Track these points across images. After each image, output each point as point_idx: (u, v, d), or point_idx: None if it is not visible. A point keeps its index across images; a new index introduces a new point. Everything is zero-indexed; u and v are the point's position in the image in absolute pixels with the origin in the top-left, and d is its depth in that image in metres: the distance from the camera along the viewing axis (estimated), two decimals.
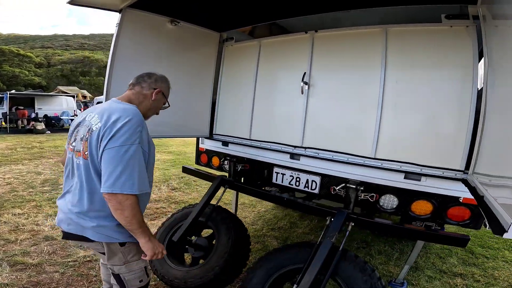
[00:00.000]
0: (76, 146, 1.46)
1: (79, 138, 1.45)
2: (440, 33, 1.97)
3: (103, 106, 1.50)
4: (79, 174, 1.44)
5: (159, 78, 1.69)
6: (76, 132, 1.49)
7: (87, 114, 1.52)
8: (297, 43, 2.65)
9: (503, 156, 1.28)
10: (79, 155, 1.43)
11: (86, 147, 1.39)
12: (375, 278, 1.75)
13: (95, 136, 1.36)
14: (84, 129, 1.44)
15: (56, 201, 1.62)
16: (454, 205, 1.83)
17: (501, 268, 3.10)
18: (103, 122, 1.37)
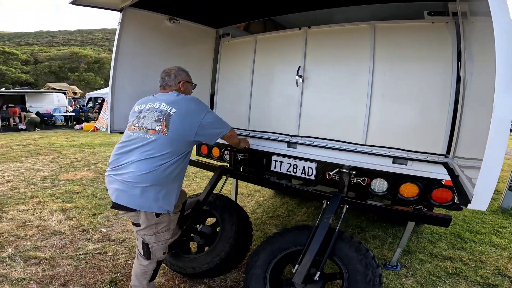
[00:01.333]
0: (147, 126, 1.89)
1: (153, 120, 1.90)
2: (423, 29, 2.13)
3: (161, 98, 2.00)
4: (147, 148, 1.84)
5: (177, 73, 2.10)
6: (142, 117, 1.94)
7: (145, 103, 2.02)
8: (291, 39, 2.79)
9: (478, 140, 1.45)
10: (154, 133, 1.86)
11: (165, 126, 1.86)
12: (369, 257, 1.91)
13: (176, 117, 1.89)
14: (155, 114, 1.92)
15: (107, 174, 1.95)
16: (437, 187, 2.01)
17: (488, 252, 3.27)
18: (178, 107, 1.92)
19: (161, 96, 2.02)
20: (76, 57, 46.91)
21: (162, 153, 1.84)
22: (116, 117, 2.66)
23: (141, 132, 1.89)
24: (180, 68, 2.13)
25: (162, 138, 1.85)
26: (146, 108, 1.97)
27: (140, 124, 1.92)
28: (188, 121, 1.91)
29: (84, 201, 4.27)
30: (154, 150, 1.84)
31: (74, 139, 10.53)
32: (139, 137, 1.88)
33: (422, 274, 2.77)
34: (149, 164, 1.82)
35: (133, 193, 1.82)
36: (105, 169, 6.21)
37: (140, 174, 1.81)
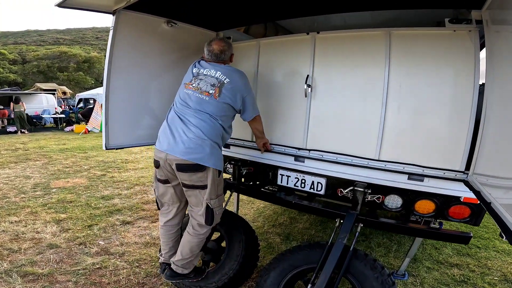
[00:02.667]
0: (202, 87, 2.13)
1: (209, 84, 2.14)
2: (444, 37, 2.03)
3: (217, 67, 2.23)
4: (203, 107, 2.08)
5: (228, 49, 2.33)
6: (199, 79, 2.18)
7: (203, 68, 2.25)
8: (298, 44, 2.66)
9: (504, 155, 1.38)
10: (207, 95, 2.10)
11: (218, 91, 2.11)
12: (385, 275, 1.85)
13: (228, 86, 2.15)
14: (212, 80, 2.16)
15: (161, 132, 2.19)
16: (455, 204, 1.95)
17: (493, 258, 3.26)
18: (231, 79, 2.18)
19: (217, 66, 2.24)
20: (65, 56, 45.97)
21: (214, 114, 2.08)
22: (112, 132, 2.50)
23: (196, 92, 2.12)
24: (227, 43, 2.35)
25: (214, 101, 2.09)
26: (203, 73, 2.21)
27: (196, 85, 2.15)
28: (235, 92, 2.17)
29: (78, 211, 4.11)
30: (208, 109, 2.07)
31: (64, 142, 10.26)
32: (195, 95, 2.11)
33: (430, 283, 2.73)
34: (210, 122, 2.05)
35: (203, 150, 1.99)
36: (98, 175, 6.03)
37: (206, 131, 2.02)
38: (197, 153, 1.97)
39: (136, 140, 2.70)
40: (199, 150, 1.97)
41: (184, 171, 1.99)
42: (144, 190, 5.18)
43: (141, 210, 4.26)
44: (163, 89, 2.84)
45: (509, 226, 1.04)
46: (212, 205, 2.09)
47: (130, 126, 2.60)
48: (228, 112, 2.18)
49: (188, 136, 2.00)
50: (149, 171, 6.53)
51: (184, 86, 2.22)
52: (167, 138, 2.08)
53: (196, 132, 2.00)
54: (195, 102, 2.09)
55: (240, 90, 2.20)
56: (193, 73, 2.27)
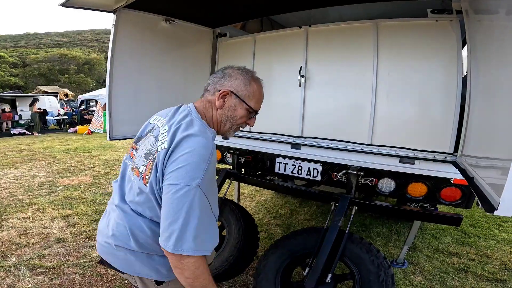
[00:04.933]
0: (137, 159, 1.21)
1: (144, 151, 1.19)
2: (427, 27, 2.12)
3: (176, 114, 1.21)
4: (133, 193, 1.18)
5: (231, 73, 1.21)
6: (145, 138, 1.24)
7: (162, 117, 1.26)
8: (292, 38, 2.76)
9: (488, 138, 1.45)
10: (136, 174, 1.17)
11: (149, 170, 1.11)
12: (380, 258, 1.92)
13: (160, 162, 1.07)
14: (152, 142, 1.17)
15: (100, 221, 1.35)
16: (446, 186, 2.02)
17: (493, 247, 3.30)
18: (170, 141, 1.09)
19: (181, 109, 1.24)
20: (65, 59, 46.20)
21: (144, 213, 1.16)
22: (115, 123, 2.60)
23: (131, 164, 1.25)
24: (244, 70, 1.24)
25: (142, 192, 1.14)
26: (155, 126, 1.23)
27: (136, 152, 1.26)
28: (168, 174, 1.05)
29: (84, 207, 4.21)
30: (137, 203, 1.17)
31: (68, 143, 10.38)
32: (125, 170, 1.29)
33: (430, 271, 2.78)
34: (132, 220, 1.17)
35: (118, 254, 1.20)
36: (102, 173, 6.14)
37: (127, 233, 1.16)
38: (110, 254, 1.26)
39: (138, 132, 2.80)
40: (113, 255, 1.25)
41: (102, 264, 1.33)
42: None
43: None
44: (163, 85, 2.93)
45: (485, 195, 1.12)
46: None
47: (132, 119, 2.69)
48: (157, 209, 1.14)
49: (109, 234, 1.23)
50: None
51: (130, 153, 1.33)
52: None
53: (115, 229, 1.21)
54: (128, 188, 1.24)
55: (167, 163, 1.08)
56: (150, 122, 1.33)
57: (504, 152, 1.07)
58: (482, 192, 1.20)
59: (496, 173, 1.18)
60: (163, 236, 1.02)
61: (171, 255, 1.02)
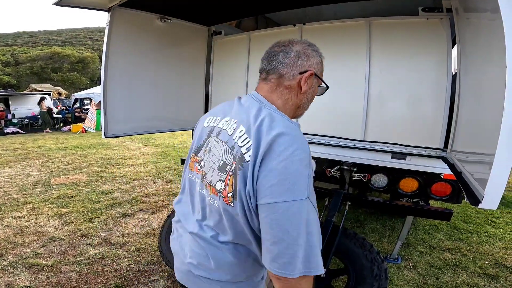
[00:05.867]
0: (208, 175, 1.00)
1: (215, 163, 0.98)
2: (418, 25, 2.16)
3: (242, 109, 1.01)
4: (211, 216, 1.01)
5: (303, 52, 1.02)
6: (208, 148, 1.03)
7: (221, 115, 1.07)
8: (286, 36, 2.72)
9: (476, 134, 1.50)
10: (214, 193, 0.97)
11: (231, 185, 0.91)
12: (374, 253, 1.96)
13: (249, 173, 0.86)
14: (224, 150, 0.96)
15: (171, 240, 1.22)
16: (436, 181, 2.07)
17: (485, 242, 3.34)
18: (254, 148, 0.87)
19: (247, 102, 1.03)
20: (58, 57, 45.68)
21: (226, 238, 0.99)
22: (110, 121, 2.61)
23: (200, 182, 1.05)
24: (311, 45, 1.06)
25: (226, 213, 0.94)
26: (217, 128, 1.04)
27: (203, 165, 1.04)
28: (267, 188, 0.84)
29: (79, 205, 4.21)
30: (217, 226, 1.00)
31: (62, 141, 10.31)
32: (200, 194, 1.05)
33: (423, 266, 2.83)
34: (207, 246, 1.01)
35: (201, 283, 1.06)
36: (97, 171, 6.12)
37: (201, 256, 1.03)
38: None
39: (133, 130, 2.81)
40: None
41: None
42: (143, 184, 5.29)
43: (141, 202, 4.37)
44: (158, 83, 2.94)
45: (472, 189, 1.16)
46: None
47: (127, 117, 2.70)
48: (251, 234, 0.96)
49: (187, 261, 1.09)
50: (147, 166, 6.64)
51: (190, 159, 1.15)
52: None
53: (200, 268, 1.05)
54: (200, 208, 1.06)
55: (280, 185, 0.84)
56: (206, 125, 1.11)
57: (489, 148, 1.11)
58: (468, 186, 1.24)
59: (481, 167, 1.22)
60: (280, 262, 0.83)
61: (291, 280, 0.83)
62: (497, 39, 1.14)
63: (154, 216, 3.88)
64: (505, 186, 0.97)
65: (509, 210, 4.24)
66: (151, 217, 3.86)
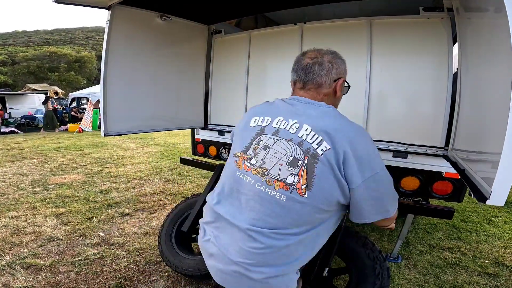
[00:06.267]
0: (270, 170, 1.07)
1: (282, 160, 1.06)
2: (419, 25, 2.16)
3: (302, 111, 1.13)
4: (265, 213, 1.06)
5: (334, 61, 1.21)
6: (263, 146, 1.12)
7: (270, 115, 1.17)
8: (287, 35, 2.78)
9: (477, 132, 1.50)
10: (283, 187, 1.04)
11: (305, 178, 1.02)
12: (376, 251, 1.95)
13: (327, 165, 1.01)
14: (290, 147, 1.06)
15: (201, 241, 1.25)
16: (438, 180, 2.07)
17: (484, 241, 3.35)
18: (332, 142, 1.02)
19: (303, 108, 1.14)
20: (55, 57, 45.49)
21: (290, 230, 1.06)
22: (110, 120, 2.59)
23: (259, 179, 1.09)
24: (336, 54, 1.26)
25: (298, 204, 1.03)
26: (271, 128, 1.14)
27: (259, 163, 1.11)
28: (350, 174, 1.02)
29: (77, 205, 4.18)
30: (277, 220, 1.05)
31: (59, 141, 10.25)
32: (257, 190, 1.09)
33: (423, 265, 2.83)
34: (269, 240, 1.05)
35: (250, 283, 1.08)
36: (95, 171, 6.09)
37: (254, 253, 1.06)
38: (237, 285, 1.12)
39: (132, 128, 2.79)
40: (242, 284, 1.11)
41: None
42: (141, 183, 5.26)
43: (139, 202, 4.34)
44: (158, 81, 2.92)
45: (477, 186, 1.16)
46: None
47: (126, 115, 2.69)
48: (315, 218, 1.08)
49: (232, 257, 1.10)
50: (145, 165, 6.61)
51: (234, 162, 1.20)
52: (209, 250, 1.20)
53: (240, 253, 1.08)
54: (253, 205, 1.09)
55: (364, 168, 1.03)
56: (253, 125, 1.20)
57: (492, 145, 1.11)
58: (473, 183, 1.24)
59: (486, 165, 1.22)
60: (379, 215, 1.14)
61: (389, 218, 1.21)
62: (500, 38, 1.14)
63: (153, 216, 3.85)
64: (511, 183, 0.97)
65: (507, 209, 4.26)
66: (150, 216, 3.83)
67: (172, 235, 2.65)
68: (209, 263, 1.19)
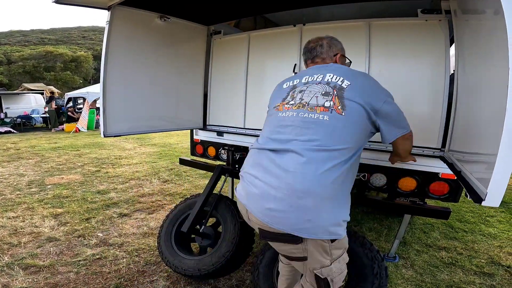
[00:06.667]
0: (309, 102, 1.37)
1: (317, 94, 1.38)
2: (417, 27, 2.19)
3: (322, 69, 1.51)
4: (315, 134, 1.29)
5: (330, 42, 1.65)
6: (298, 91, 1.46)
7: (298, 78, 1.55)
8: (286, 36, 2.80)
9: (473, 134, 1.52)
10: (323, 110, 1.32)
11: (338, 102, 1.33)
12: (374, 251, 1.97)
13: (352, 93, 1.35)
14: (321, 86, 1.41)
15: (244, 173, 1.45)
16: (434, 181, 2.09)
17: (479, 241, 3.39)
18: (352, 81, 1.39)
19: (322, 67, 1.53)
20: (51, 56, 45.20)
21: (339, 146, 1.28)
22: (110, 120, 2.59)
23: (301, 110, 1.36)
24: (332, 38, 1.68)
25: (337, 120, 1.30)
26: (301, 82, 1.49)
27: (298, 100, 1.40)
28: (367, 99, 1.35)
29: (75, 205, 4.17)
30: (324, 138, 1.27)
31: (56, 141, 10.20)
32: (299, 118, 1.34)
33: (420, 265, 2.86)
34: (325, 161, 1.24)
35: (296, 213, 1.23)
36: (92, 171, 6.07)
37: (307, 180, 1.22)
38: (292, 218, 1.24)
39: (132, 129, 2.79)
40: (300, 214, 1.23)
41: (271, 239, 1.37)
42: (139, 184, 5.26)
43: (138, 202, 4.35)
44: (157, 82, 2.93)
45: (473, 187, 1.19)
46: (325, 274, 1.38)
47: (126, 116, 2.69)
48: (356, 136, 1.35)
49: (283, 191, 1.24)
50: (143, 166, 6.60)
51: (277, 108, 1.49)
52: (247, 186, 1.38)
53: (298, 183, 1.23)
54: (299, 129, 1.32)
55: (372, 93, 1.39)
56: (284, 88, 1.57)
57: (488, 147, 1.13)
58: (469, 184, 1.27)
59: (481, 166, 1.24)
60: (400, 131, 1.48)
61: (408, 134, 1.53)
62: (497, 40, 1.16)
63: (151, 216, 3.86)
64: (507, 184, 1.00)
65: (502, 209, 4.31)
66: (148, 217, 3.84)
67: (171, 236, 2.66)
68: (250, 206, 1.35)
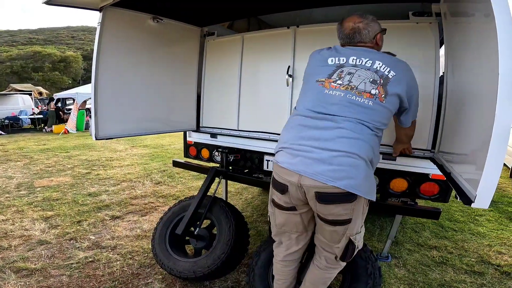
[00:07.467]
0: (359, 87, 1.51)
1: (366, 80, 1.52)
2: (408, 29, 2.22)
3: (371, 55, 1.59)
4: (358, 115, 1.48)
5: (369, 25, 1.66)
6: (347, 73, 1.56)
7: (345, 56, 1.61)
8: (280, 38, 2.81)
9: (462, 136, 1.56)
10: (369, 97, 1.50)
11: (382, 91, 1.51)
12: (367, 251, 2.00)
13: (395, 84, 1.53)
14: (370, 73, 1.54)
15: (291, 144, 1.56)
16: (425, 181, 2.14)
17: (469, 240, 3.46)
18: (396, 72, 1.55)
19: (369, 52, 1.61)
20: (39, 56, 44.42)
21: (376, 125, 1.51)
22: (102, 122, 2.55)
23: (349, 92, 1.51)
24: (367, 18, 1.69)
25: (380, 107, 1.50)
26: (349, 64, 1.58)
27: (346, 82, 1.53)
28: (408, 90, 1.58)
29: (65, 208, 4.12)
30: (368, 118, 1.49)
31: (45, 142, 10.04)
32: (346, 99, 1.50)
33: (412, 264, 2.91)
34: (367, 136, 1.47)
35: (358, 174, 1.41)
36: (83, 173, 5.99)
37: (361, 147, 1.44)
38: (350, 177, 1.39)
39: (124, 132, 2.76)
40: (353, 174, 1.40)
41: (328, 202, 1.46)
42: (131, 186, 5.22)
43: (130, 205, 4.31)
44: (150, 83, 2.91)
45: (462, 189, 1.22)
46: (355, 241, 1.61)
47: (118, 118, 2.66)
48: (388, 121, 1.60)
49: (336, 153, 1.41)
50: (135, 167, 6.54)
51: (320, 85, 1.59)
52: (299, 155, 1.48)
53: (348, 148, 1.41)
54: (346, 108, 1.49)
55: (410, 88, 1.61)
56: (331, 63, 1.63)
57: (477, 150, 1.16)
58: (459, 186, 1.30)
59: (470, 168, 1.28)
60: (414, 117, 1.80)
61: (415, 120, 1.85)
62: (486, 42, 1.19)
63: (144, 219, 3.83)
64: (495, 187, 1.03)
65: (490, 208, 4.42)
66: (141, 219, 3.81)
67: (166, 238, 2.65)
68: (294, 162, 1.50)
